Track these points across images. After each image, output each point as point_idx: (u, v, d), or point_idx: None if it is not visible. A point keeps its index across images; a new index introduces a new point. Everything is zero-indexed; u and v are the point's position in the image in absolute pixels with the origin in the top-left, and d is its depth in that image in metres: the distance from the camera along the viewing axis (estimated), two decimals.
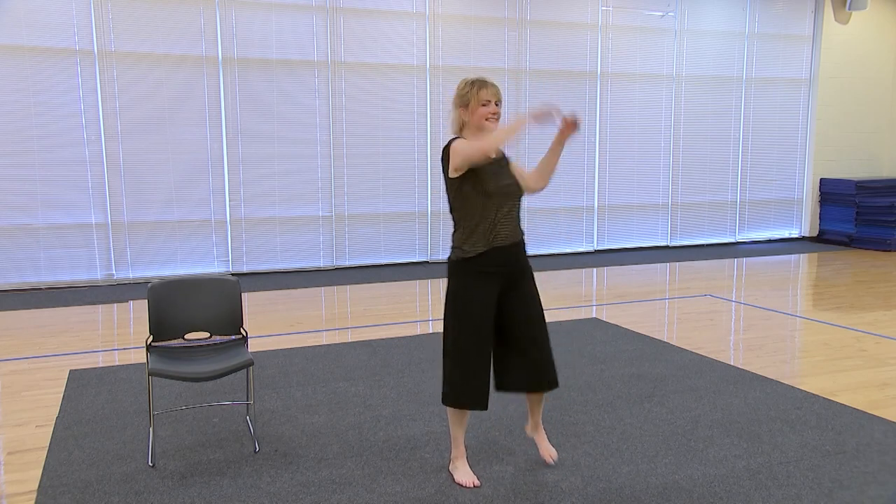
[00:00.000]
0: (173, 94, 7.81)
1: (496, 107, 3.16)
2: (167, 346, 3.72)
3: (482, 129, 3.16)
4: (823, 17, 10.65)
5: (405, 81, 8.73)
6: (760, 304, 6.85)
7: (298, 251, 8.54)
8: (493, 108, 3.15)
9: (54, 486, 3.22)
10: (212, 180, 8.06)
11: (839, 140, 11.08)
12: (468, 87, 3.16)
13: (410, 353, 5.23)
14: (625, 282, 7.98)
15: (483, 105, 3.14)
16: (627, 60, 9.78)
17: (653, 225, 10.27)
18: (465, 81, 3.19)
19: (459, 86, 3.20)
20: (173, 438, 3.74)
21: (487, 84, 3.15)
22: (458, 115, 3.21)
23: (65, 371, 4.85)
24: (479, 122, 3.15)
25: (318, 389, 4.46)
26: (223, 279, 3.81)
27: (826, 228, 10.96)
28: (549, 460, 3.42)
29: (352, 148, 8.60)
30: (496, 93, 3.16)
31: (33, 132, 7.36)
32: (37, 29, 7.27)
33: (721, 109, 10.41)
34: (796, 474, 3.32)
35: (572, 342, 5.45)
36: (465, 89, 3.17)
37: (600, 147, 9.77)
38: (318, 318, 6.35)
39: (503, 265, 3.16)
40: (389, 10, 8.56)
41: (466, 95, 3.16)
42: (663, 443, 3.66)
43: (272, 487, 3.21)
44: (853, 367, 4.95)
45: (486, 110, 3.14)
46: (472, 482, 3.24)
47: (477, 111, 3.14)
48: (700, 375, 4.71)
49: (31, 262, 7.49)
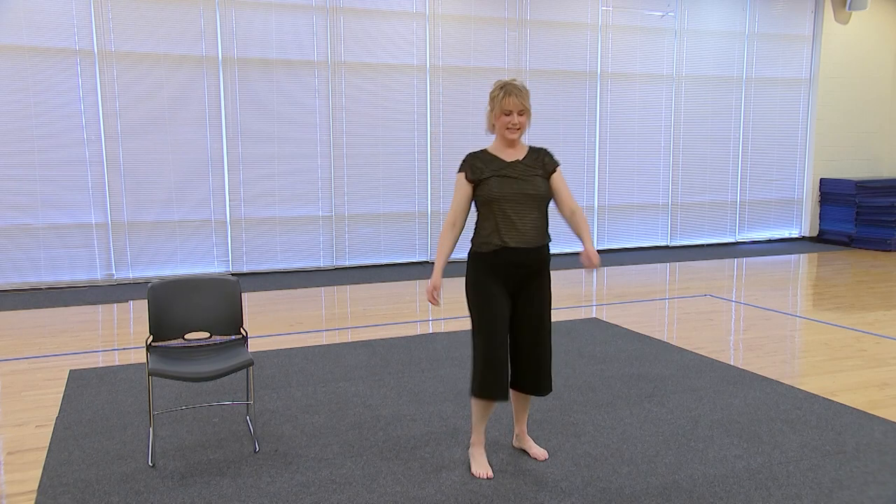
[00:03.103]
0: (173, 95, 7.81)
1: (519, 117, 3.19)
2: (167, 347, 3.71)
3: (503, 137, 3.24)
4: (823, 17, 10.65)
5: (405, 81, 8.73)
6: (760, 304, 6.85)
7: (298, 251, 8.54)
8: (513, 119, 3.19)
9: (54, 486, 3.21)
10: (212, 180, 8.06)
11: (839, 140, 11.08)
12: (497, 92, 3.22)
13: (410, 353, 5.23)
14: (625, 282, 7.98)
15: (505, 115, 3.19)
16: (627, 60, 9.78)
17: (653, 225, 10.27)
18: (498, 84, 3.24)
19: (494, 86, 3.26)
20: (173, 438, 3.74)
21: (513, 93, 3.18)
22: (489, 116, 3.28)
23: (65, 371, 4.85)
24: (501, 131, 3.23)
25: (318, 389, 4.46)
26: (223, 279, 3.81)
27: (826, 228, 10.96)
28: (540, 459, 3.46)
29: (352, 148, 8.60)
30: (520, 103, 3.19)
31: (33, 132, 7.36)
32: (37, 29, 7.27)
33: (721, 109, 10.41)
34: (796, 474, 3.32)
35: (572, 342, 5.45)
36: (495, 93, 3.23)
37: (600, 147, 9.77)
38: (318, 318, 6.35)
39: (515, 265, 3.20)
40: (389, 10, 8.56)
41: (494, 100, 3.22)
42: (663, 443, 3.66)
43: (272, 487, 3.21)
44: (853, 367, 4.95)
45: (506, 120, 3.20)
46: (485, 473, 3.29)
47: (500, 119, 3.22)
48: (700, 375, 4.71)
49: (31, 262, 7.49)
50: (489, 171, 3.20)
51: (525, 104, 3.20)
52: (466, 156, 3.28)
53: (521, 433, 3.55)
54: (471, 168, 3.22)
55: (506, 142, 3.25)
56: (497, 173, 3.19)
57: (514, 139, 3.23)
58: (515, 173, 3.20)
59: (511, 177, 3.19)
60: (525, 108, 3.20)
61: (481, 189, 3.19)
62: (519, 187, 3.18)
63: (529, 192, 3.19)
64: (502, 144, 3.27)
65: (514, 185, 3.18)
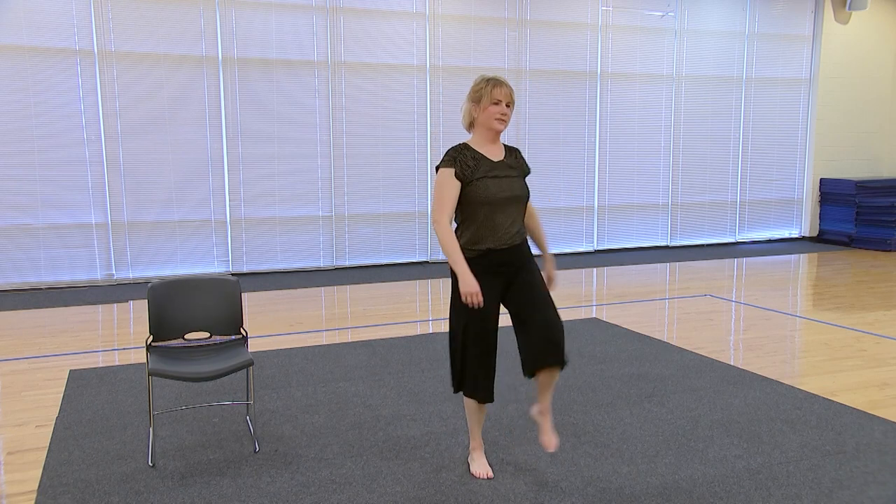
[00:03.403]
0: (173, 95, 7.81)
1: (507, 108, 3.18)
2: (167, 347, 3.71)
3: (490, 128, 3.18)
4: (823, 17, 10.65)
5: (405, 81, 8.73)
6: (760, 304, 6.85)
7: (298, 251, 8.54)
8: (503, 109, 3.17)
9: (54, 486, 3.22)
10: (212, 180, 8.06)
11: (839, 140, 11.08)
12: (483, 84, 3.18)
13: (410, 353, 5.23)
14: (625, 282, 7.98)
15: (494, 104, 3.16)
16: (627, 60, 9.78)
17: (653, 225, 10.27)
18: (482, 78, 3.22)
19: (475, 81, 3.24)
20: (173, 438, 3.74)
21: (502, 84, 3.17)
22: (469, 110, 3.23)
23: (65, 371, 4.85)
24: (489, 121, 3.18)
25: (318, 389, 4.46)
26: (223, 279, 3.81)
27: (826, 228, 10.96)
28: (547, 447, 3.31)
29: (352, 148, 8.60)
30: (509, 94, 3.18)
31: (33, 132, 7.36)
32: (37, 29, 7.27)
33: (721, 109, 10.41)
34: (796, 474, 3.32)
35: (572, 342, 5.45)
36: (480, 85, 3.19)
37: (600, 147, 9.77)
38: (318, 318, 6.35)
39: (502, 265, 3.17)
40: (389, 10, 8.56)
41: (480, 92, 3.18)
42: (663, 443, 3.66)
43: (272, 487, 3.21)
44: (853, 367, 4.95)
45: (496, 109, 3.16)
46: (485, 473, 3.29)
47: (487, 109, 3.16)
48: (700, 375, 4.71)
49: (31, 262, 7.49)
50: (481, 171, 3.14)
51: (512, 96, 3.20)
52: (451, 150, 3.19)
53: (544, 410, 3.35)
54: (461, 165, 3.13)
55: (490, 136, 3.20)
56: (488, 175, 3.15)
57: (501, 130, 3.19)
58: (502, 174, 3.19)
59: (500, 177, 3.17)
60: (512, 100, 3.20)
61: (471, 189, 3.11)
62: (510, 189, 3.17)
63: (518, 194, 3.19)
64: (485, 139, 3.21)
65: (504, 187, 3.15)
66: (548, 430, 3.35)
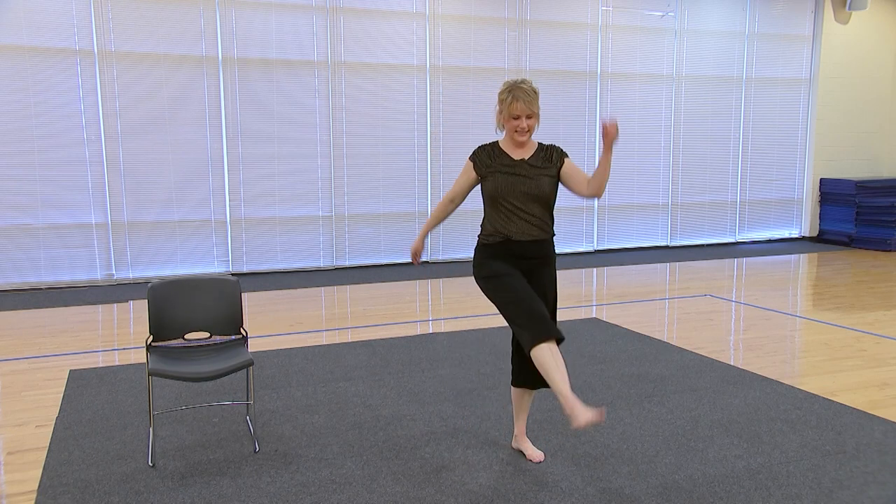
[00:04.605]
0: (173, 95, 7.81)
1: (527, 121, 3.22)
2: (167, 347, 3.71)
3: (512, 140, 3.29)
4: (823, 17, 10.65)
5: (405, 81, 8.73)
6: (760, 304, 6.85)
7: (298, 251, 8.54)
8: (521, 124, 3.22)
9: (54, 486, 3.22)
10: (212, 180, 8.06)
11: (839, 140, 11.08)
12: (505, 95, 3.23)
13: (410, 353, 5.23)
14: (625, 282, 7.98)
15: (514, 118, 3.22)
16: (627, 60, 9.78)
17: (653, 225, 10.27)
18: (507, 86, 3.25)
19: (503, 85, 3.27)
20: (173, 438, 3.74)
21: (521, 98, 3.18)
22: (498, 115, 3.32)
23: (65, 371, 4.85)
24: (510, 133, 3.28)
25: (318, 389, 4.46)
26: (223, 279, 3.81)
27: (826, 228, 10.96)
28: (536, 460, 3.46)
29: (352, 148, 8.60)
30: (527, 108, 3.19)
31: (33, 132, 7.36)
32: (37, 29, 7.27)
33: (721, 109, 10.41)
34: (796, 474, 3.32)
35: (572, 342, 5.45)
36: (503, 95, 3.24)
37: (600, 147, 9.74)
38: (318, 318, 6.35)
39: (517, 256, 3.24)
40: (389, 10, 8.56)
41: (503, 102, 3.24)
42: (663, 443, 3.66)
43: (272, 487, 3.21)
44: (853, 367, 4.95)
45: (515, 124, 3.23)
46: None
47: (508, 122, 3.25)
48: (700, 375, 4.71)
49: (31, 262, 7.49)
50: (495, 166, 3.27)
51: (532, 109, 3.21)
52: (478, 147, 3.36)
53: (521, 434, 3.55)
54: (478, 159, 3.32)
55: (515, 142, 3.30)
56: (501, 170, 3.25)
57: (523, 141, 3.28)
58: (521, 172, 3.25)
59: (515, 175, 3.24)
60: (533, 113, 3.22)
61: (486, 184, 3.29)
62: (523, 187, 3.23)
63: (532, 192, 3.23)
64: (512, 141, 3.32)
65: (516, 185, 3.23)
66: (530, 448, 3.52)
